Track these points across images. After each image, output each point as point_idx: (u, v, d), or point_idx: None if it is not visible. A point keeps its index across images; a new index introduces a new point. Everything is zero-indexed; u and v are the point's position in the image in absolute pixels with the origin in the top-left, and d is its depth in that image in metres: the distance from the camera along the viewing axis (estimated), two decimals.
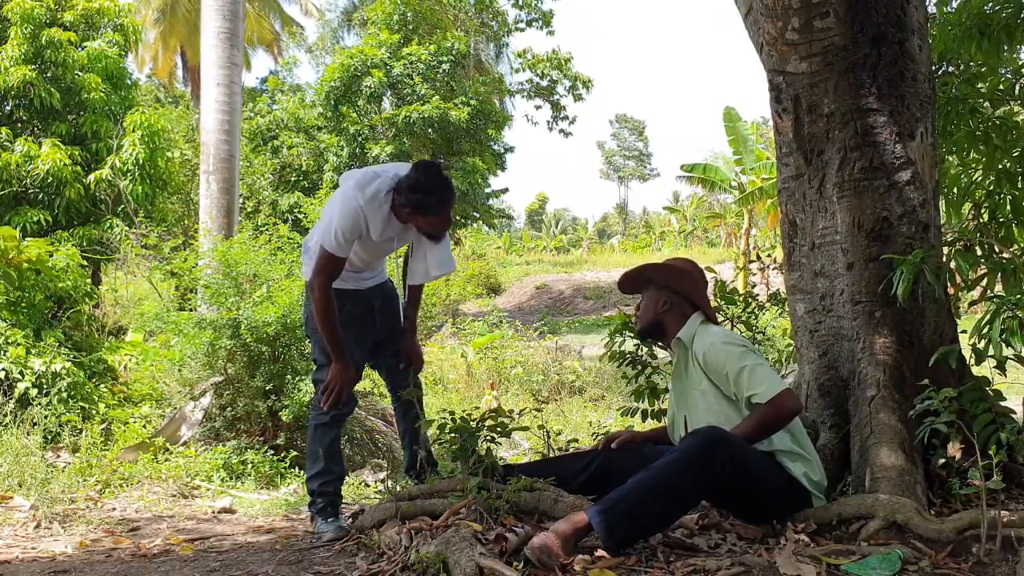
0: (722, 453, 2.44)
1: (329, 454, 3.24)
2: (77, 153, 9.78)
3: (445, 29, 20.83)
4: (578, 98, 23.05)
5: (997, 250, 3.36)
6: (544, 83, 22.99)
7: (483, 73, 22.18)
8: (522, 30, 23.00)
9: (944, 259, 3.03)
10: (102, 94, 10.10)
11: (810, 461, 2.65)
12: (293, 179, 19.59)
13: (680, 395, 2.85)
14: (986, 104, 3.92)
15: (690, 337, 2.77)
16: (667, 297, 2.83)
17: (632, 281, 2.98)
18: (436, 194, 3.02)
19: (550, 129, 23.78)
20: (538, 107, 23.62)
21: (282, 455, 5.03)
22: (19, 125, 10.25)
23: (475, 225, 25.30)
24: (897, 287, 2.86)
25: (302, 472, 4.93)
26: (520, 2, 22.25)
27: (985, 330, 2.71)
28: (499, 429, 2.93)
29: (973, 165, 4.07)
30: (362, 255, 3.20)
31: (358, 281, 3.30)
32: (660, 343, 2.96)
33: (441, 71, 19.45)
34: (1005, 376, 2.84)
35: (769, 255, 4.72)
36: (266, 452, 5.00)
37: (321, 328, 3.11)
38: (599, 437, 3.82)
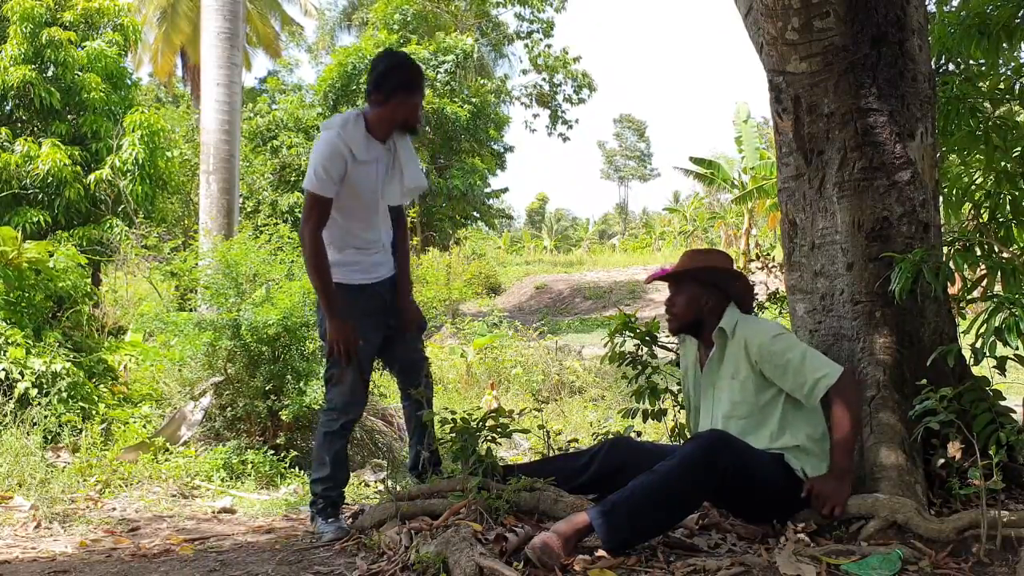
0: (725, 457, 2.44)
1: (336, 461, 3.21)
2: (77, 153, 9.77)
3: (446, 32, 20.85)
4: (580, 102, 23.10)
5: (997, 250, 3.36)
6: (546, 88, 23.04)
7: (486, 76, 22.20)
8: (523, 37, 23.05)
9: (944, 259, 3.03)
10: (102, 94, 10.10)
11: (821, 459, 2.64)
12: (293, 179, 19.58)
13: (705, 384, 2.87)
14: (986, 104, 3.92)
15: (732, 326, 2.77)
16: (709, 295, 2.83)
17: (671, 277, 2.94)
18: (411, 67, 3.12)
19: (549, 134, 23.85)
20: (536, 115, 23.71)
21: (282, 455, 5.03)
22: (19, 125, 10.25)
23: (475, 225, 25.30)
24: (895, 284, 2.86)
25: (302, 472, 4.93)
26: (521, 13, 22.30)
27: (982, 328, 2.72)
28: (499, 429, 2.93)
29: (973, 165, 4.06)
30: (360, 193, 3.10)
31: (369, 269, 3.20)
32: (691, 335, 2.96)
33: (442, 70, 19.46)
34: (1005, 376, 2.83)
35: (768, 254, 4.72)
36: (266, 452, 4.99)
37: (312, 279, 3.06)
38: (599, 437, 3.82)
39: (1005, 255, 3.51)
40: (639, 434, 3.69)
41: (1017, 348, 2.68)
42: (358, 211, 3.16)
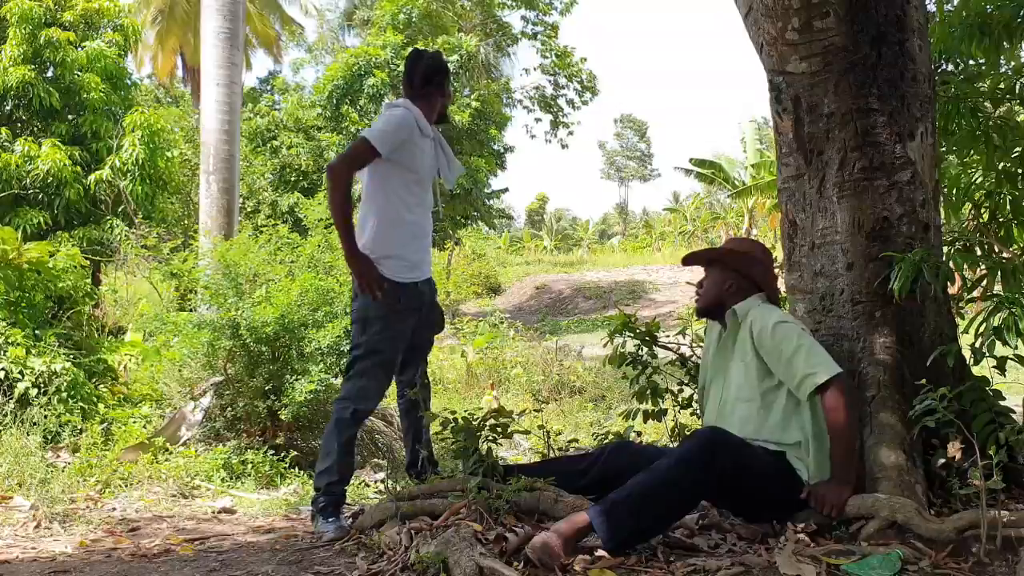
0: (722, 454, 2.44)
1: (344, 451, 3.21)
2: (77, 153, 9.78)
3: (449, 33, 20.83)
4: (584, 104, 23.15)
5: (997, 250, 3.36)
6: (550, 91, 23.06)
7: (489, 77, 22.20)
8: (530, 38, 23.05)
9: (944, 259, 3.03)
10: (102, 94, 10.10)
11: (824, 459, 2.63)
12: (293, 179, 19.58)
13: (718, 366, 2.91)
14: (986, 104, 3.92)
15: (745, 311, 2.81)
16: (733, 279, 2.87)
17: (699, 259, 3.01)
18: (443, 62, 3.46)
19: (547, 142, 23.92)
20: (538, 120, 23.75)
21: (282, 455, 5.03)
22: (19, 125, 10.25)
23: (475, 225, 25.28)
24: (895, 284, 2.86)
25: (302, 472, 4.93)
26: (527, 16, 22.31)
27: (982, 328, 2.72)
28: (500, 429, 2.93)
29: (973, 165, 4.06)
30: (419, 168, 3.28)
31: (415, 267, 3.30)
32: (715, 320, 3.00)
33: None
34: (1005, 376, 2.83)
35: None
36: (266, 452, 4.99)
37: (335, 217, 3.17)
38: (599, 437, 3.83)
39: (1005, 255, 3.51)
40: (640, 435, 3.69)
41: (1017, 348, 2.68)
42: (413, 186, 3.30)
